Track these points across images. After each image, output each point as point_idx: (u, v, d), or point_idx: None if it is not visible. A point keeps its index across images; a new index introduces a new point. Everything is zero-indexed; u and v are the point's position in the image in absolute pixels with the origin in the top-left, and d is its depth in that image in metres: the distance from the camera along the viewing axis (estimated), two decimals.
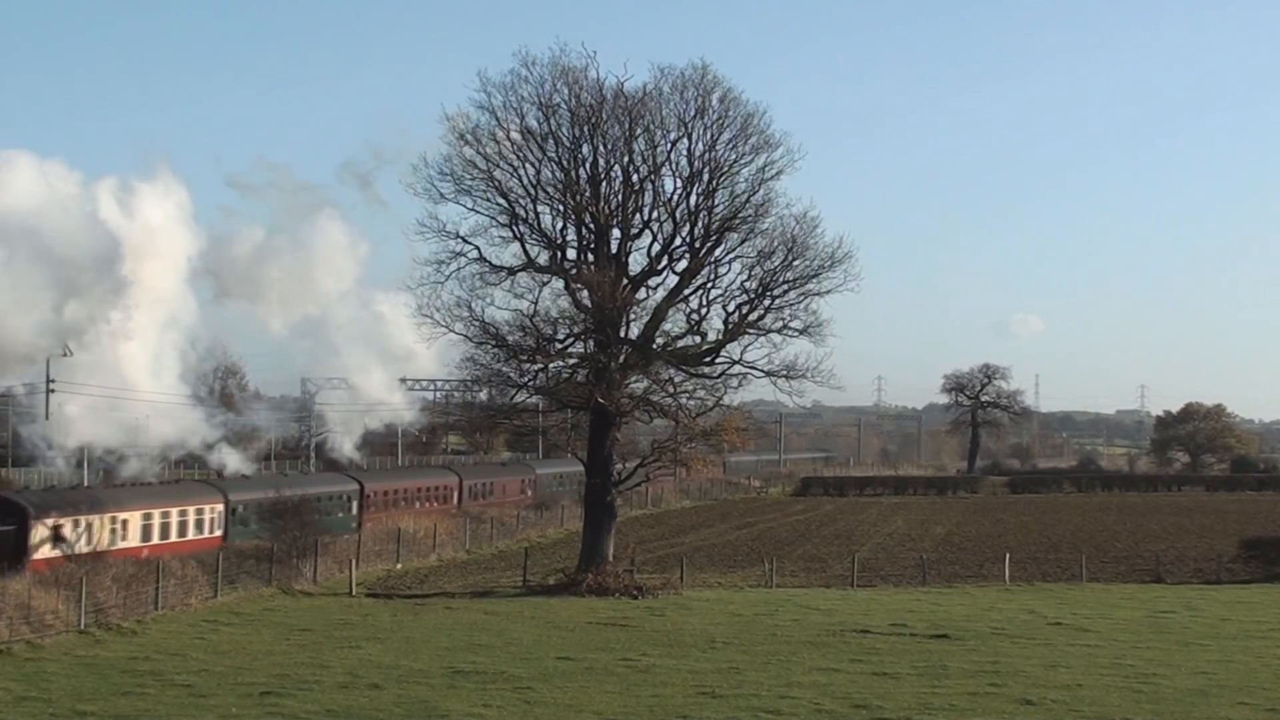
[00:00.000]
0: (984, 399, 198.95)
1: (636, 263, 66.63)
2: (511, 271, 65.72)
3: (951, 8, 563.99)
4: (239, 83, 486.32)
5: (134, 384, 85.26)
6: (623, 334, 65.43)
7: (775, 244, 65.92)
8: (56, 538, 63.32)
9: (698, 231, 65.85)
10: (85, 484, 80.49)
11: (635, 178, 65.41)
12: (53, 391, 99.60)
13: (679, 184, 65.65)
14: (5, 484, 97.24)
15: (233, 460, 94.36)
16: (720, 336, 66.60)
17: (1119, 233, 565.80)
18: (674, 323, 66.72)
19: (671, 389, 67.44)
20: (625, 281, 65.37)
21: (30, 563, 60.17)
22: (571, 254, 65.93)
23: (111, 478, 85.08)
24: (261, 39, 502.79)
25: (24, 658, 42.53)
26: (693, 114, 65.04)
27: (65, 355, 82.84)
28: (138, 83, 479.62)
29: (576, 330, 65.88)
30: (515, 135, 64.95)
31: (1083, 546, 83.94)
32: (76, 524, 64.69)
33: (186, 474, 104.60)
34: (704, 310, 66.55)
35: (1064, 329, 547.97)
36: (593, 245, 65.52)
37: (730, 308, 66.35)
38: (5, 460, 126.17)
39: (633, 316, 65.84)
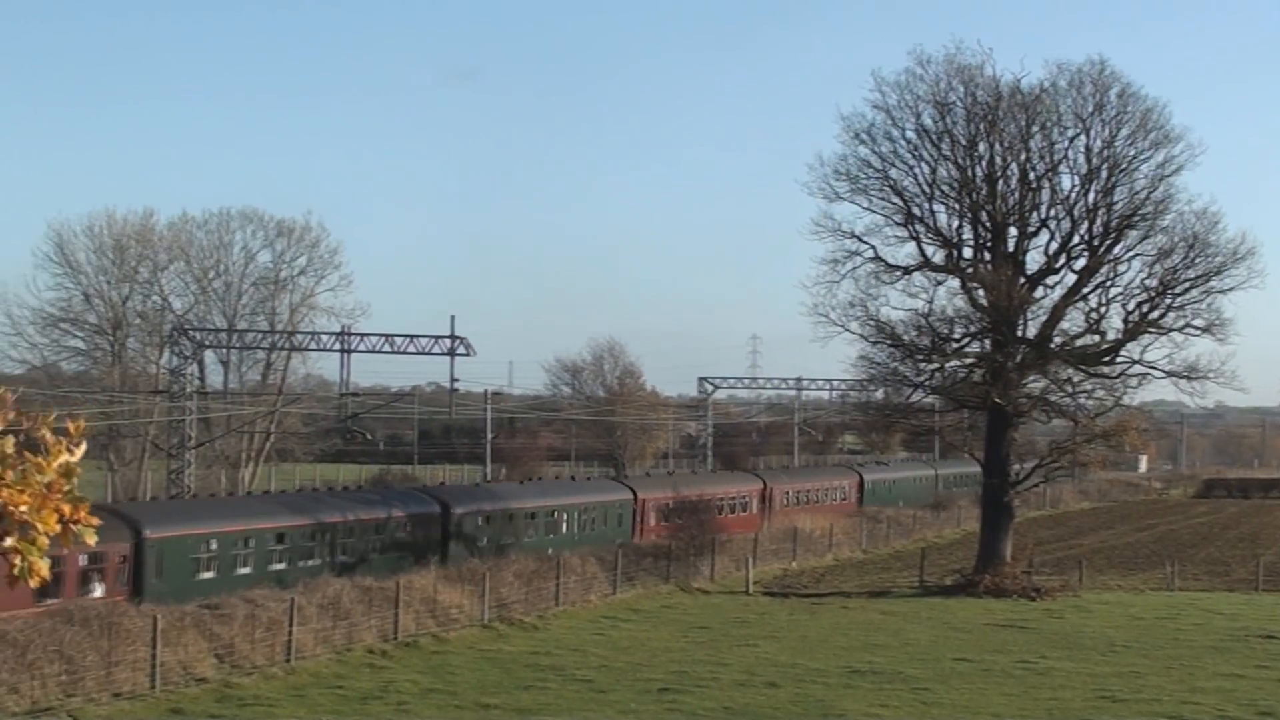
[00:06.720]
0: None
1: (1033, 261, 66.12)
2: (907, 271, 65.82)
3: None
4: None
5: None
6: (1020, 333, 64.87)
7: (1175, 241, 64.68)
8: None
9: (1096, 229, 64.91)
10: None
11: (1032, 175, 64.87)
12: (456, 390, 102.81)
13: (1076, 181, 64.93)
14: (412, 480, 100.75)
15: None
16: (1119, 335, 65.48)
17: None
18: (1072, 321, 66.01)
19: (1070, 389, 66.61)
20: (1022, 280, 64.83)
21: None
22: (967, 253, 65.71)
23: None
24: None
25: (430, 650, 44.10)
26: (1090, 110, 64.20)
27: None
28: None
29: (973, 329, 65.59)
30: (910, 134, 65.17)
31: None
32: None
33: None
34: (1103, 309, 65.60)
35: None
36: (989, 244, 65.13)
37: (1130, 306, 65.24)
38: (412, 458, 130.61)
39: (1030, 315, 65.30)
